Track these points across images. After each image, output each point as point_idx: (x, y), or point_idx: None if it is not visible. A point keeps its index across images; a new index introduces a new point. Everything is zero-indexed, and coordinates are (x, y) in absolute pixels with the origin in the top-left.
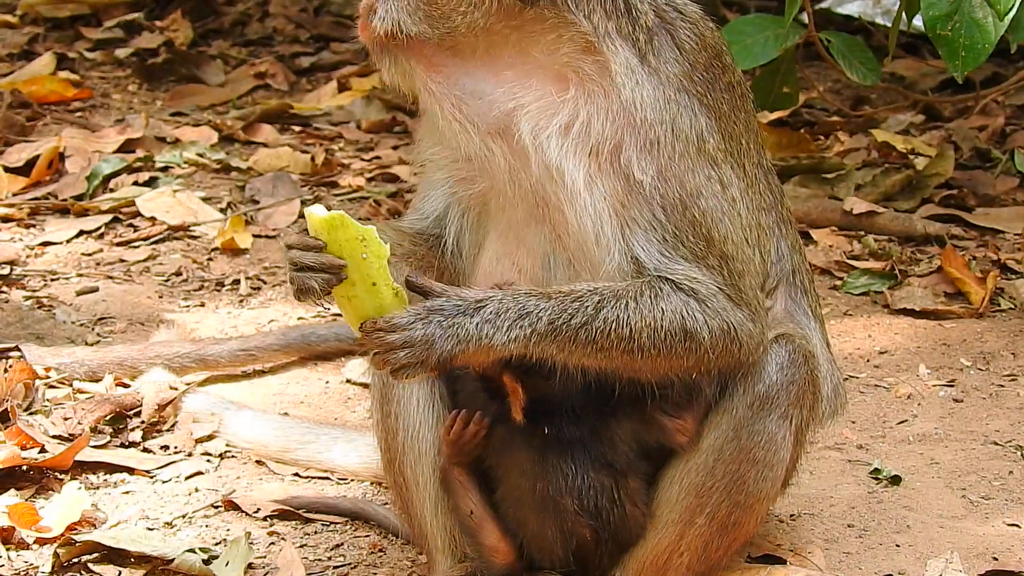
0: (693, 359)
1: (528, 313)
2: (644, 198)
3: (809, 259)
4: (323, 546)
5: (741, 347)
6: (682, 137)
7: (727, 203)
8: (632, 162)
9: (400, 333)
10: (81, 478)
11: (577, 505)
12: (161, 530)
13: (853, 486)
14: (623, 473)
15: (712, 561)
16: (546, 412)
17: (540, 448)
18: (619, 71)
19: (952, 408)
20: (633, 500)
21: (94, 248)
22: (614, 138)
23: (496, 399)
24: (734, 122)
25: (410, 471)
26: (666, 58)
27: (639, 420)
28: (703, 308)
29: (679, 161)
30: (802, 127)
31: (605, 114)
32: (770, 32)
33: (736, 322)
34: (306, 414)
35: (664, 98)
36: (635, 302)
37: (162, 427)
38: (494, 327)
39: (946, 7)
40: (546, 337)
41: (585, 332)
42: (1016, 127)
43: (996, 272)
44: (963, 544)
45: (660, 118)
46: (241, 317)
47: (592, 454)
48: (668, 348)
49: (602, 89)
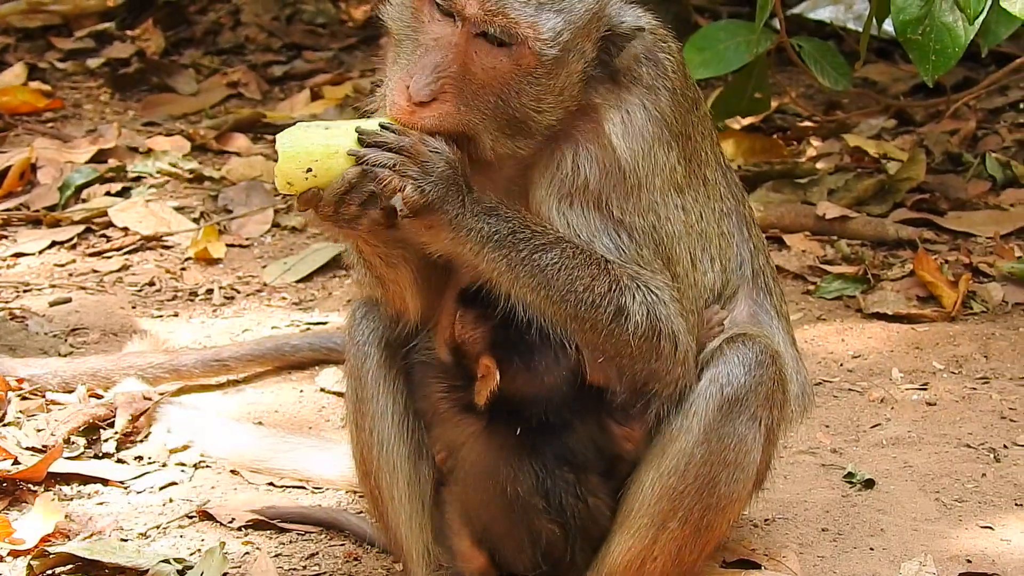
0: (615, 339)
1: (497, 214)
2: (615, 229)
3: (782, 264)
4: (298, 555)
5: (661, 356)
6: (661, 174)
7: (687, 227)
8: (612, 203)
9: (416, 147)
10: (55, 489)
11: (545, 503)
12: (135, 541)
13: (827, 490)
14: (583, 469)
15: (686, 565)
16: (515, 413)
17: (510, 450)
18: (613, 130)
19: (925, 412)
20: (595, 493)
21: (67, 259)
22: (600, 187)
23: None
24: (695, 138)
25: (385, 483)
26: (659, 88)
27: (595, 424)
28: (643, 295)
29: (656, 196)
30: (774, 132)
31: (596, 165)
32: (741, 38)
33: (668, 330)
34: (281, 423)
35: (650, 142)
36: (587, 257)
37: (136, 438)
38: (466, 207)
39: (916, 12)
40: (503, 245)
41: (539, 256)
42: (987, 131)
43: (968, 276)
44: (937, 547)
45: (644, 164)
46: (215, 327)
47: (556, 454)
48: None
49: (598, 145)
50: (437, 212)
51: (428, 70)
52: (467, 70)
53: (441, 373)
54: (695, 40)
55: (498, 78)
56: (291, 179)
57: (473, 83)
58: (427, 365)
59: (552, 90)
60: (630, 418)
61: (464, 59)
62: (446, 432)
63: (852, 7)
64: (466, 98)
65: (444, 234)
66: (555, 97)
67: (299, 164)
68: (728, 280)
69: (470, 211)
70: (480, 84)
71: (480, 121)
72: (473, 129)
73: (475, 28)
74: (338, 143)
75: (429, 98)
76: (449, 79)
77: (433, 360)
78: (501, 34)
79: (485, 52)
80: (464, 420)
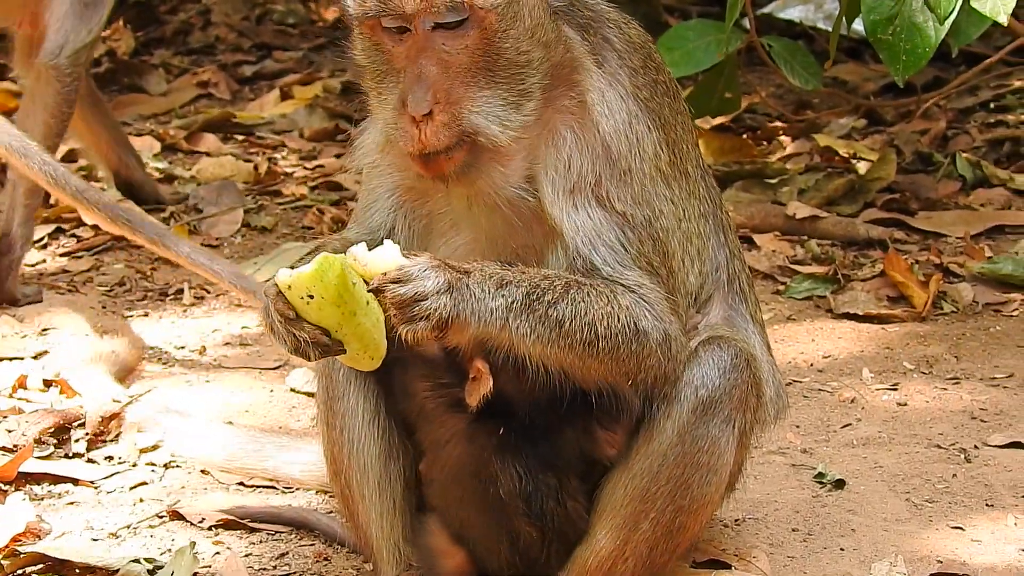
0: (635, 361)
1: (508, 283)
2: (618, 223)
3: (752, 264)
4: (268, 555)
5: (669, 360)
6: (647, 157)
7: (676, 220)
8: (611, 193)
9: (413, 284)
10: (25, 489)
11: (526, 507)
12: (106, 541)
13: (797, 490)
14: (565, 473)
15: (657, 565)
16: (501, 415)
17: (494, 450)
18: (594, 101)
19: (895, 412)
20: (575, 497)
21: (37, 259)
22: (594, 173)
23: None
24: (675, 126)
25: (356, 483)
26: (612, 64)
27: (580, 429)
28: (652, 311)
29: (649, 185)
30: (744, 132)
31: (586, 150)
32: (712, 37)
33: (673, 332)
34: (251, 423)
35: (627, 117)
36: (596, 291)
37: (106, 438)
38: (483, 291)
39: (887, 11)
40: (523, 311)
41: (555, 311)
42: (958, 131)
43: (939, 276)
44: (907, 547)
45: (629, 143)
46: (185, 326)
47: (539, 457)
48: (619, 342)
49: (583, 126)
50: (458, 322)
51: (415, 85)
52: (445, 63)
53: (427, 371)
54: (665, 40)
55: (475, 52)
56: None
57: (457, 71)
58: (409, 363)
59: (529, 37)
60: (615, 422)
61: (436, 56)
62: (430, 430)
63: (822, 6)
64: (459, 92)
65: (471, 330)
66: (535, 43)
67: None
68: (704, 283)
69: (485, 294)
70: (463, 67)
71: (481, 108)
72: (474, 125)
73: (427, 23)
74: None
75: (429, 108)
76: (436, 81)
77: (417, 358)
78: (449, 13)
79: (449, 38)
80: (449, 418)
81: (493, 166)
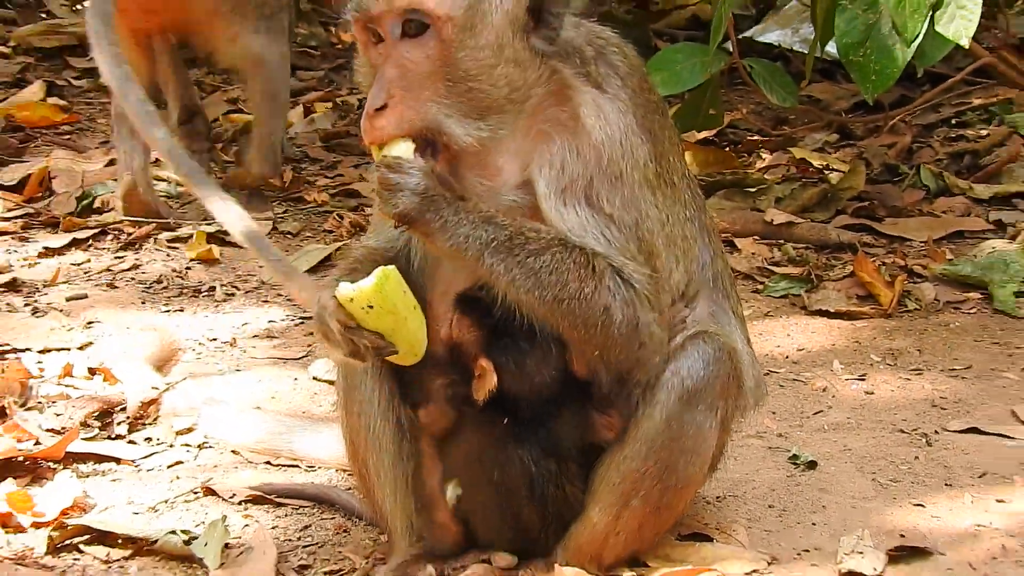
0: (602, 337)
1: (495, 222)
2: (606, 223)
3: (733, 265)
4: (293, 528)
5: (643, 346)
6: (638, 166)
7: (661, 224)
8: (602, 196)
9: (398, 174)
10: (72, 467)
11: (528, 491)
12: (145, 514)
13: (773, 470)
14: (564, 459)
15: (645, 539)
16: (505, 406)
17: (498, 439)
18: (587, 115)
19: (863, 400)
20: (573, 482)
21: (83, 259)
22: (585, 176)
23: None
24: (663, 141)
25: (372, 463)
26: (613, 87)
27: (579, 415)
28: (625, 289)
29: (637, 189)
30: (727, 145)
31: (578, 156)
32: (697, 59)
33: (645, 321)
34: (277, 408)
35: (623, 131)
36: (578, 253)
37: (145, 421)
38: (460, 215)
39: (858, 35)
40: (501, 251)
41: (533, 260)
42: (922, 144)
43: (903, 276)
44: (873, 523)
45: (623, 152)
46: (217, 321)
47: (541, 444)
48: (587, 307)
49: (575, 136)
50: (421, 223)
51: (377, 84)
52: (406, 69)
53: (439, 369)
54: (655, 62)
55: (435, 61)
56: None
57: (417, 77)
58: (424, 362)
59: (492, 51)
60: (611, 407)
61: (399, 61)
62: (440, 419)
63: (798, 31)
64: (416, 93)
65: (441, 242)
66: (499, 56)
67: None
68: (690, 281)
69: (466, 219)
70: (424, 75)
71: (441, 110)
72: (436, 122)
73: (394, 30)
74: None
75: (382, 104)
76: (394, 83)
77: (430, 358)
78: (413, 19)
79: (413, 46)
80: (458, 411)
81: (471, 175)
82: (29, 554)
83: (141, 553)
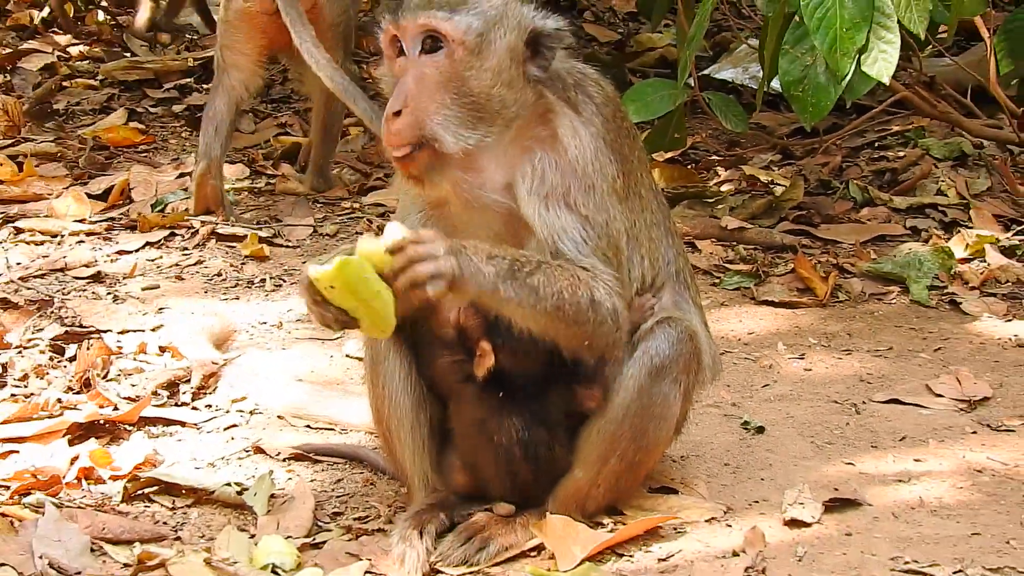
0: (590, 328)
1: (495, 255)
2: (581, 223)
3: (694, 263)
4: (328, 480)
5: (617, 329)
6: (607, 180)
7: (627, 228)
8: (578, 200)
9: (427, 246)
10: (144, 429)
11: (522, 452)
12: (205, 469)
13: (728, 435)
14: (553, 427)
15: (621, 491)
16: (502, 381)
17: (497, 409)
18: (565, 134)
19: (803, 375)
20: (560, 444)
21: (156, 255)
22: (564, 185)
23: (466, 358)
24: (632, 160)
25: (394, 427)
26: (588, 113)
27: (564, 389)
28: (604, 286)
29: (607, 198)
30: (689, 164)
31: (557, 168)
32: (665, 92)
33: (619, 306)
34: (315, 381)
35: (594, 151)
36: (560, 268)
37: (206, 391)
38: (478, 259)
39: (798, 74)
40: (508, 278)
41: (532, 279)
42: (850, 163)
43: (836, 273)
44: (811, 478)
45: (594, 168)
46: (267, 307)
47: (533, 413)
48: (580, 307)
49: (555, 151)
50: (459, 281)
51: (396, 92)
52: (421, 81)
53: (445, 350)
54: (630, 94)
55: (445, 76)
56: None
57: (428, 88)
58: (432, 344)
59: (493, 74)
60: (592, 381)
61: (416, 73)
62: (449, 392)
63: (748, 69)
64: (426, 103)
65: (470, 291)
66: (498, 79)
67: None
68: (657, 274)
69: (480, 261)
70: (434, 87)
71: (443, 119)
72: (433, 131)
73: (415, 47)
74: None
75: (399, 109)
76: (410, 92)
77: (437, 340)
78: (430, 39)
79: (429, 62)
80: (462, 386)
81: (457, 173)
82: (107, 502)
83: (201, 502)
